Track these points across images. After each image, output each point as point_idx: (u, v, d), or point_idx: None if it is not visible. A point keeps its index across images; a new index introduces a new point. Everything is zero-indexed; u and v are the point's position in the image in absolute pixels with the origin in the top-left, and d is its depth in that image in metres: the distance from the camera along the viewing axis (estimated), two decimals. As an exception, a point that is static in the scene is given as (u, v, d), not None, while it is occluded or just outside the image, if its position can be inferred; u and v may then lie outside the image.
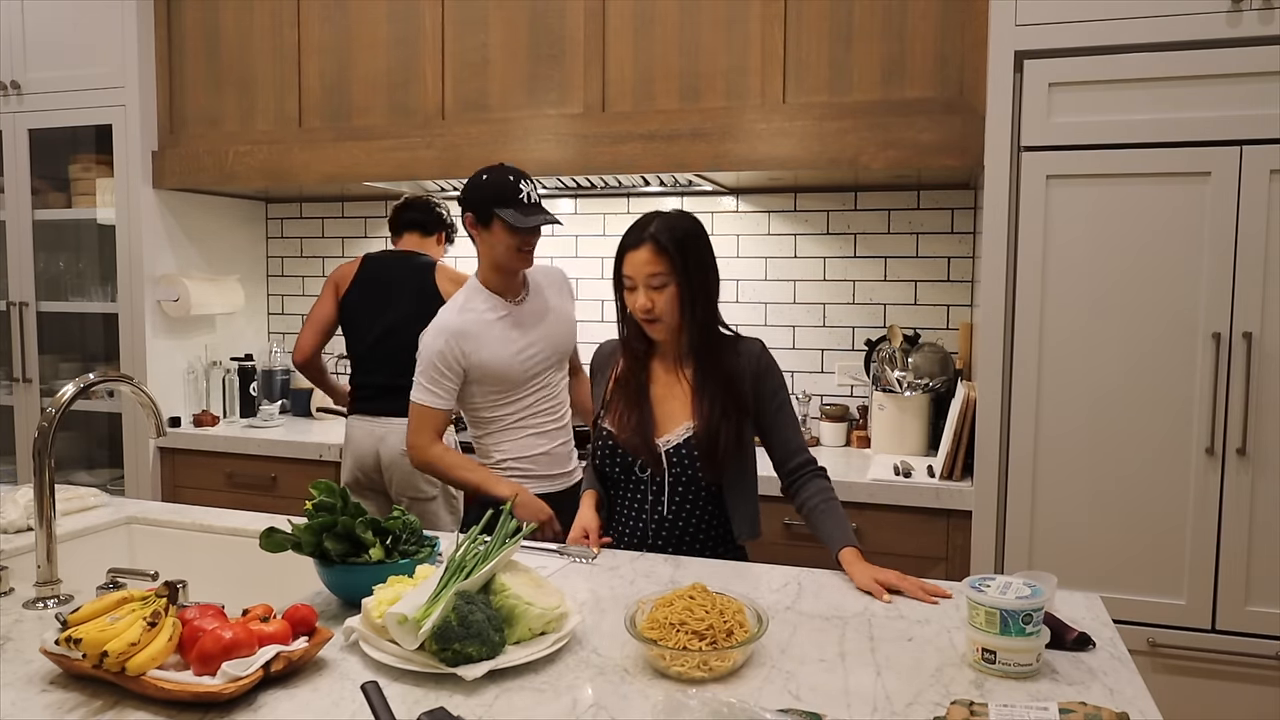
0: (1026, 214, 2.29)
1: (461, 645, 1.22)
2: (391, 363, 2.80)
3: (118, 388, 2.63)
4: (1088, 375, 2.27)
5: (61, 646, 1.21)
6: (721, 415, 1.80)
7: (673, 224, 1.81)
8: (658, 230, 1.79)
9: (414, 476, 2.74)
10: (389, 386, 2.77)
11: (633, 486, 1.90)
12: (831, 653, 1.35)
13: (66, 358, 3.68)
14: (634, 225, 1.83)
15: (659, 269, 1.78)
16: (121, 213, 3.35)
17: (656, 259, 1.78)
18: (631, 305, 1.83)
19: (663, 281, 1.78)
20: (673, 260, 1.78)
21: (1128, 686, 1.25)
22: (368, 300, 2.88)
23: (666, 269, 1.78)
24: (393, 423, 2.75)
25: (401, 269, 2.90)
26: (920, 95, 2.60)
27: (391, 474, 2.77)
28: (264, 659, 1.19)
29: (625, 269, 1.82)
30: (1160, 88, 2.19)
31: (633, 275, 1.80)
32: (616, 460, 1.89)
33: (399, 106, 3.11)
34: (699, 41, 2.78)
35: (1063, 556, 2.31)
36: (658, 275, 1.78)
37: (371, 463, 2.79)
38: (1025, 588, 1.30)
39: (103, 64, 3.31)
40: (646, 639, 1.27)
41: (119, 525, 2.09)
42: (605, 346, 2.02)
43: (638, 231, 1.81)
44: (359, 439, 2.81)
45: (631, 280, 1.81)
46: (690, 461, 1.82)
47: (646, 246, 1.79)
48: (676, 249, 1.79)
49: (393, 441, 2.75)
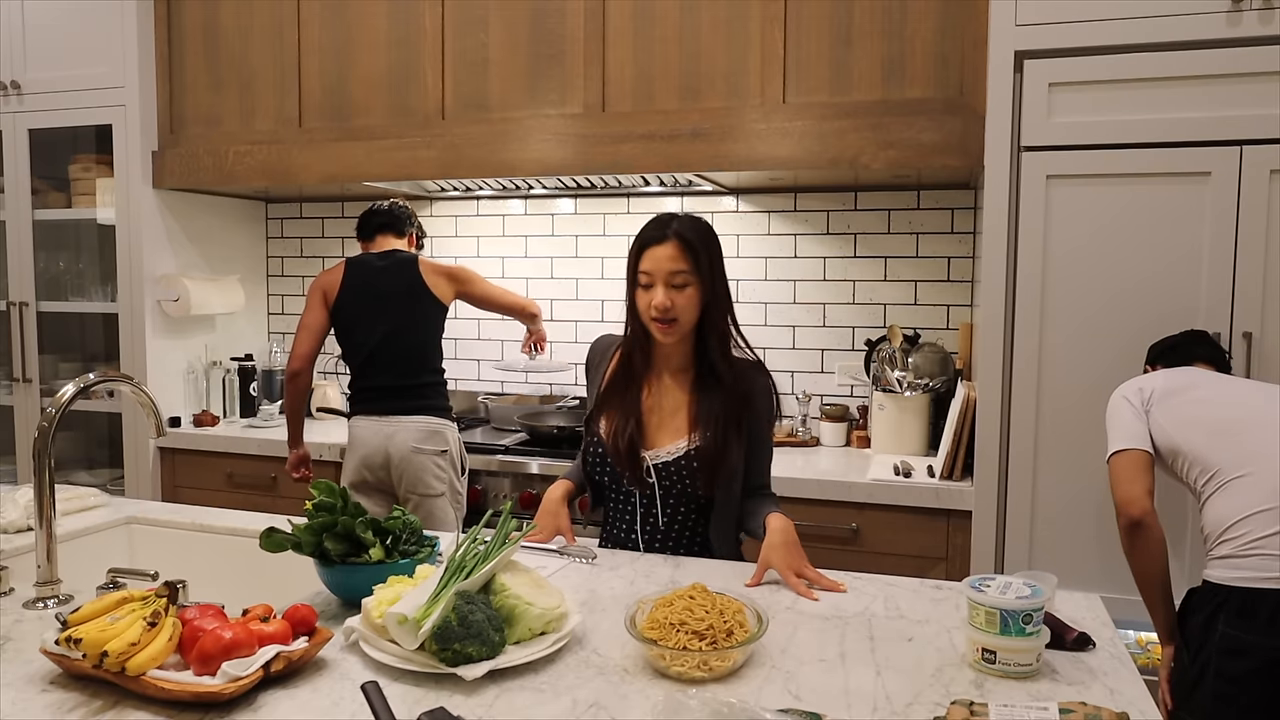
0: (1027, 214, 2.29)
1: (461, 645, 1.22)
2: (396, 365, 2.84)
3: (118, 388, 2.63)
4: (1087, 375, 2.27)
5: (61, 646, 1.21)
6: (724, 433, 1.75)
7: (695, 225, 1.76)
8: (682, 228, 1.73)
9: (424, 473, 2.76)
10: (395, 387, 2.82)
11: (621, 498, 1.86)
12: (832, 653, 1.35)
13: (66, 358, 3.68)
14: (654, 221, 1.77)
15: (682, 267, 1.71)
16: (121, 213, 3.35)
17: (681, 256, 1.72)
18: (645, 304, 1.75)
19: (685, 281, 1.72)
20: (697, 260, 1.72)
21: (1128, 687, 1.25)
22: (362, 306, 2.87)
23: (690, 268, 1.72)
24: (402, 421, 2.78)
25: (387, 270, 2.90)
26: (920, 95, 2.60)
27: (401, 471, 2.78)
28: (264, 659, 1.18)
29: (645, 264, 1.74)
30: (1160, 88, 2.19)
31: (653, 271, 1.73)
32: (606, 470, 1.84)
33: (399, 106, 3.11)
34: (699, 41, 2.78)
35: (1063, 556, 2.31)
36: (680, 274, 1.71)
37: (380, 460, 2.80)
38: (1025, 588, 1.30)
39: (103, 64, 3.31)
40: (646, 639, 1.27)
41: (119, 525, 2.09)
42: (601, 342, 1.97)
43: (661, 228, 1.74)
44: (366, 438, 2.81)
45: (650, 277, 1.73)
46: (682, 477, 1.77)
47: (671, 243, 1.72)
48: (703, 249, 1.73)
49: (401, 439, 2.77)
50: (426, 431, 2.79)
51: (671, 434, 1.81)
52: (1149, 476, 1.87)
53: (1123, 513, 1.85)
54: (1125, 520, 1.84)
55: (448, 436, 2.83)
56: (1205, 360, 2.06)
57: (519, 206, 3.54)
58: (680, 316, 1.74)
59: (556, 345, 3.48)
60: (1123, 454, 1.90)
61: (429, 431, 2.80)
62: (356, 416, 2.87)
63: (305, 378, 2.89)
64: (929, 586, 1.64)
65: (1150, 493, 1.85)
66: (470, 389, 3.60)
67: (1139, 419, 1.92)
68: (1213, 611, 1.76)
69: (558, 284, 3.50)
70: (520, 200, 3.53)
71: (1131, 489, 1.85)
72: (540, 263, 3.52)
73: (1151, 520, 1.82)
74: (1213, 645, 1.74)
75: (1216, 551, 1.79)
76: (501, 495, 2.95)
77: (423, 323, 2.89)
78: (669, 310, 1.72)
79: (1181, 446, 1.87)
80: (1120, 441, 1.91)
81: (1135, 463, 1.88)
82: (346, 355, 2.93)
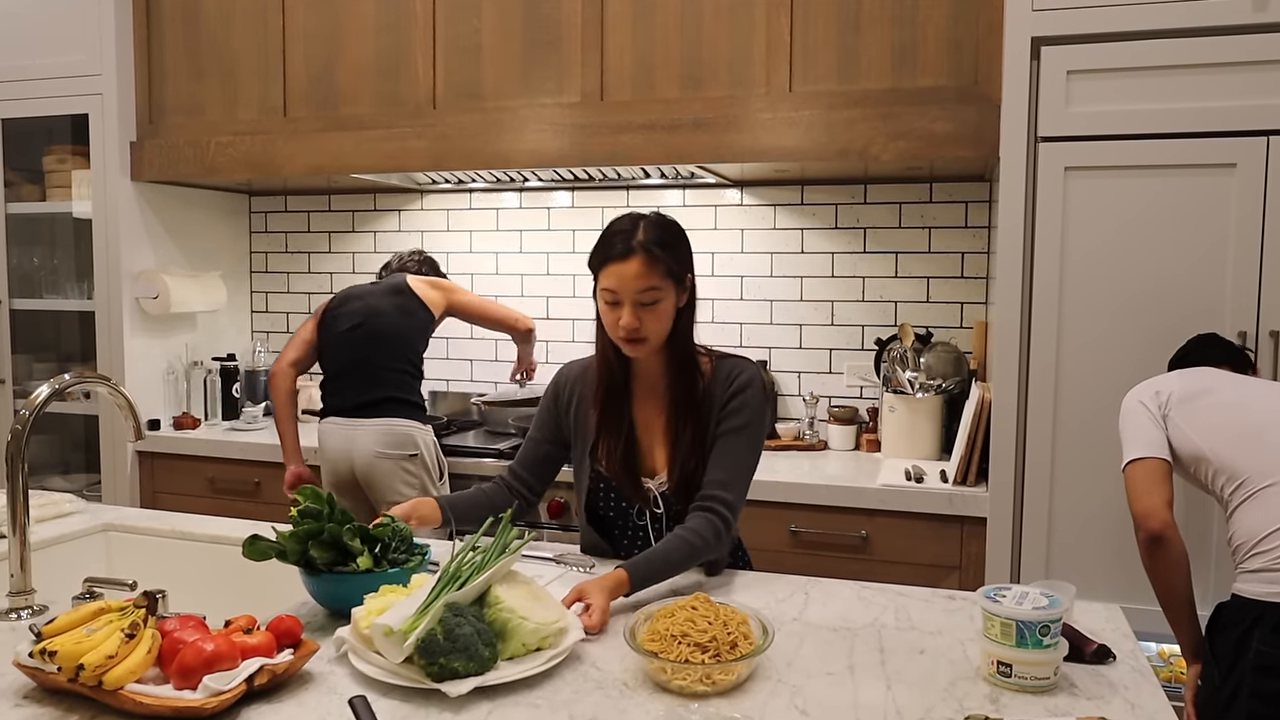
0: (1044, 207, 2.30)
1: (447, 660, 1.22)
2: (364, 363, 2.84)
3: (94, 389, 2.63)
4: (1108, 375, 2.27)
5: (35, 659, 1.21)
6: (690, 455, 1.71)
7: (660, 230, 1.67)
8: (648, 239, 1.64)
9: (391, 479, 2.74)
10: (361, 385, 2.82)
11: (630, 533, 1.82)
12: (840, 665, 1.35)
13: (41, 358, 3.68)
14: (613, 233, 1.67)
15: (651, 283, 1.63)
16: (98, 206, 3.35)
17: (649, 273, 1.62)
18: (611, 323, 1.67)
19: (655, 298, 1.64)
20: (665, 272, 1.64)
21: (1150, 701, 1.25)
22: (346, 307, 2.90)
23: (659, 282, 1.63)
24: (364, 424, 2.78)
25: (380, 279, 3.06)
26: (933, 83, 2.60)
27: (368, 478, 2.77)
28: (247, 672, 1.19)
29: (608, 281, 1.65)
30: (1183, 75, 2.19)
31: (618, 290, 1.63)
32: (610, 502, 1.80)
33: (388, 95, 3.11)
34: (701, 27, 2.78)
35: (1081, 565, 2.31)
36: (649, 290, 1.63)
37: (345, 466, 2.79)
38: (1042, 598, 1.30)
39: (78, 51, 3.30)
40: (647, 652, 1.27)
41: (96, 533, 2.09)
42: (572, 368, 1.88)
43: (623, 241, 1.64)
44: (331, 442, 2.82)
45: (615, 295, 1.64)
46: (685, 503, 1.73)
47: (637, 259, 1.62)
48: (670, 257, 1.65)
49: (364, 443, 2.76)
50: (391, 434, 2.76)
51: (665, 452, 1.78)
52: (1168, 487, 1.85)
53: (1141, 527, 1.83)
54: (1144, 535, 1.82)
55: (417, 439, 2.79)
56: (1219, 362, 2.04)
57: (513, 200, 3.54)
58: (649, 335, 1.67)
59: (552, 345, 3.48)
60: (1139, 463, 1.87)
61: (394, 434, 2.76)
62: (324, 419, 2.87)
63: (282, 381, 2.87)
64: (942, 597, 1.64)
65: (1169, 504, 1.83)
66: (463, 390, 3.61)
67: (1156, 425, 1.90)
68: (1246, 628, 1.74)
69: (554, 280, 3.50)
70: (515, 193, 3.53)
71: (1150, 501, 1.82)
72: (535, 258, 3.52)
73: (1172, 533, 1.80)
74: (1246, 663, 1.72)
75: (1248, 565, 1.77)
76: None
77: (401, 319, 2.88)
78: (637, 330, 1.65)
79: (1205, 453, 1.85)
80: (1136, 449, 1.89)
81: (1153, 472, 1.85)
82: (322, 355, 2.92)
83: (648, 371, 1.78)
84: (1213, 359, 2.05)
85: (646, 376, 1.78)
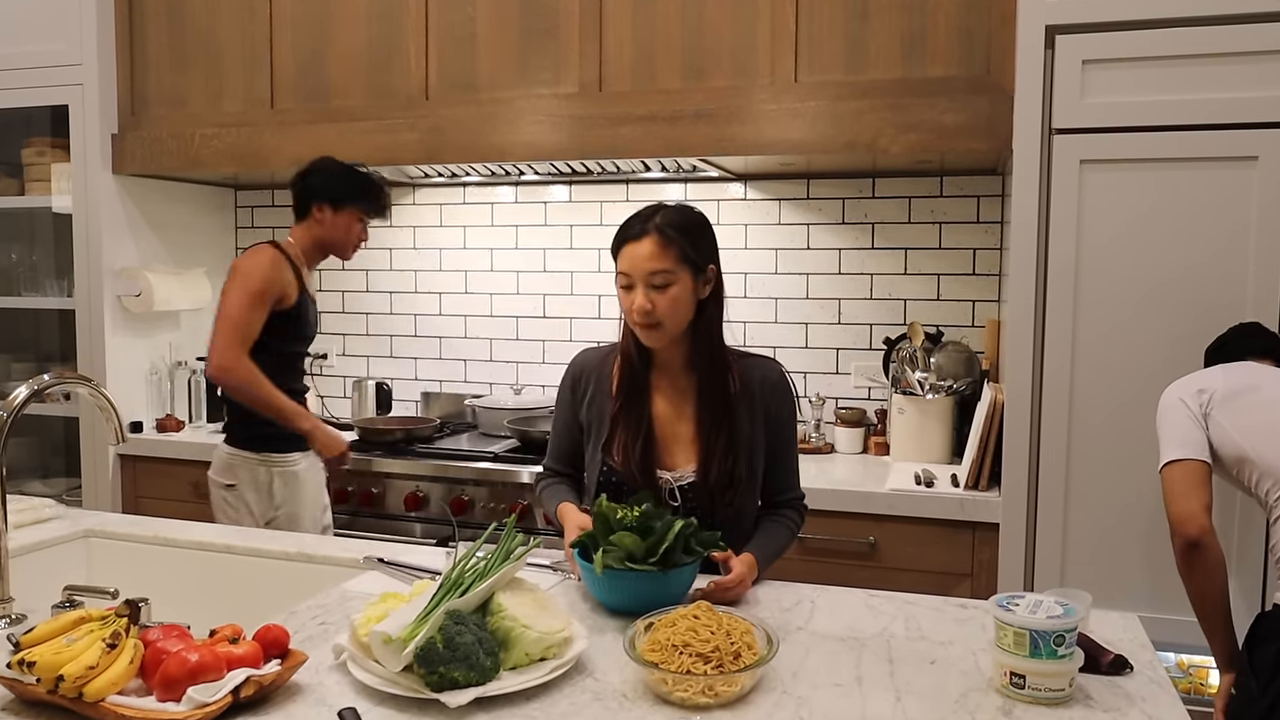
0: (1058, 202, 2.29)
1: (447, 669, 1.22)
2: None
3: (75, 390, 2.63)
4: (1125, 376, 2.27)
5: (13, 670, 1.21)
6: (727, 454, 1.75)
7: (679, 215, 1.75)
8: (663, 221, 1.72)
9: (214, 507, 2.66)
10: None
11: None
12: (847, 677, 1.35)
13: (19, 357, 3.68)
14: (634, 216, 1.76)
15: (663, 265, 1.69)
16: (79, 200, 3.35)
17: (661, 254, 1.70)
18: (627, 307, 1.74)
19: (666, 280, 1.70)
20: (680, 255, 1.71)
21: (1168, 713, 1.25)
22: None
23: (672, 265, 1.70)
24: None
25: None
26: (943, 73, 2.60)
27: None
28: (233, 684, 1.18)
29: (622, 264, 1.73)
30: (1203, 65, 2.19)
31: (630, 272, 1.71)
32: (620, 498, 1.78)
33: (379, 86, 3.11)
34: (703, 15, 2.78)
35: (1097, 573, 2.31)
36: (660, 273, 1.69)
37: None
38: (1057, 606, 1.30)
39: (58, 40, 3.30)
40: (647, 662, 1.27)
41: (76, 539, 2.09)
42: (589, 356, 1.93)
43: (639, 223, 1.73)
44: None
45: (629, 278, 1.72)
46: (702, 499, 1.77)
47: (650, 239, 1.70)
48: (685, 242, 1.72)
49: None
50: (215, 459, 2.70)
51: (686, 447, 1.81)
52: (1207, 491, 1.82)
53: (1178, 532, 1.80)
54: (1181, 540, 1.79)
55: (236, 471, 2.63)
56: (1261, 353, 2.00)
57: (509, 194, 3.54)
58: (665, 319, 1.72)
59: (548, 345, 3.48)
60: (1178, 464, 1.84)
61: (216, 459, 2.70)
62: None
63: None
64: (953, 605, 1.64)
65: (1208, 509, 1.80)
66: (456, 392, 3.60)
67: (1196, 425, 1.86)
68: None
69: (551, 277, 3.50)
70: (510, 187, 3.53)
71: (1188, 505, 1.80)
72: (532, 254, 3.52)
73: (1210, 540, 1.78)
74: None
75: None
76: (488, 506, 2.95)
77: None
78: (650, 313, 1.70)
79: (1249, 455, 1.81)
80: (1175, 450, 1.86)
81: (1192, 475, 1.82)
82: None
83: (669, 364, 1.82)
84: (1254, 350, 2.01)
85: (668, 369, 1.82)
